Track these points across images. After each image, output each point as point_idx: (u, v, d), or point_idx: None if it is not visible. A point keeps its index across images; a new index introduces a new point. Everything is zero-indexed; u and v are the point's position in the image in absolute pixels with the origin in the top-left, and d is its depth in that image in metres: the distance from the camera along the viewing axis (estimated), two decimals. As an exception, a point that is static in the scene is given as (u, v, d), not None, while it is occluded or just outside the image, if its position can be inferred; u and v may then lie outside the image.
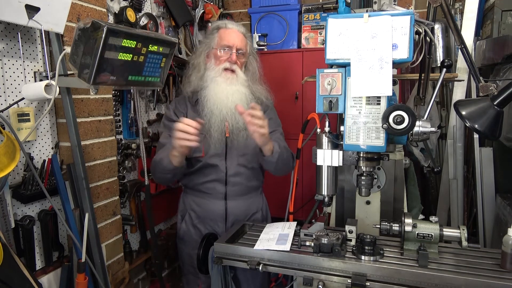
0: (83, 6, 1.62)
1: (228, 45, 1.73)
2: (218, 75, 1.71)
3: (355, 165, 1.32)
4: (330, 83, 1.20)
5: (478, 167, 2.20)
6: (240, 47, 1.75)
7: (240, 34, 1.77)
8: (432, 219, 1.30)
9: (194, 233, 1.81)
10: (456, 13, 2.44)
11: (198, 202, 1.81)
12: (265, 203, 1.94)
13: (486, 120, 1.14)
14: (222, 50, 1.73)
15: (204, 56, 1.80)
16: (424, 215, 1.95)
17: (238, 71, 1.73)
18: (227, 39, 1.74)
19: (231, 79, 1.70)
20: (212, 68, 1.74)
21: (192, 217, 1.82)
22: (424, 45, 1.29)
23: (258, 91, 1.80)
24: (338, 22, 1.17)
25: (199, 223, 1.81)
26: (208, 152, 1.73)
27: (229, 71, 1.71)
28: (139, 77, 1.33)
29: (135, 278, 2.20)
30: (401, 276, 1.17)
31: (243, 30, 1.81)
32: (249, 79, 1.78)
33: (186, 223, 1.84)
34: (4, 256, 1.14)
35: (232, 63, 1.72)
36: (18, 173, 1.43)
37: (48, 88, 1.33)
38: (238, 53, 1.74)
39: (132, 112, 2.08)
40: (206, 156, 1.74)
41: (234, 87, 1.70)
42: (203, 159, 1.74)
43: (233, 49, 1.73)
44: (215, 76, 1.71)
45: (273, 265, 1.32)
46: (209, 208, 1.78)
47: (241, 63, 1.76)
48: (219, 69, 1.71)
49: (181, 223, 1.87)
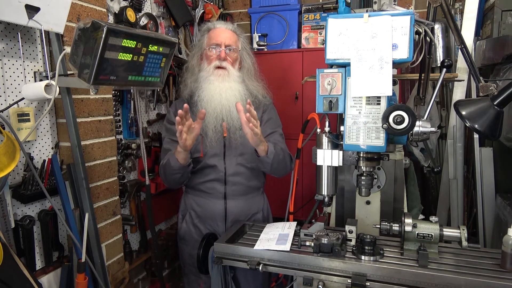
0: (83, 6, 1.61)
1: (217, 43, 1.74)
2: (210, 74, 1.72)
3: (355, 165, 1.32)
4: (330, 83, 1.20)
5: (478, 167, 2.19)
6: (229, 43, 1.75)
7: (229, 31, 1.78)
8: (432, 219, 1.30)
9: (195, 233, 1.81)
10: (456, 13, 2.44)
11: (198, 202, 1.82)
12: (267, 204, 1.94)
13: (486, 120, 1.14)
14: (212, 49, 1.74)
15: (198, 59, 1.82)
16: (424, 215, 1.95)
17: (229, 67, 1.73)
18: (215, 37, 1.75)
19: (223, 76, 1.71)
20: (204, 68, 1.75)
21: (193, 216, 1.83)
22: (424, 45, 1.29)
23: (255, 88, 1.80)
24: (338, 22, 1.17)
25: (199, 223, 1.81)
26: (206, 152, 1.74)
27: (221, 69, 1.72)
28: (139, 77, 1.33)
29: (135, 278, 2.20)
30: (401, 276, 1.17)
31: (231, 27, 1.81)
32: (243, 75, 1.78)
33: (187, 222, 1.84)
34: (4, 256, 1.14)
35: (221, 60, 1.72)
36: (18, 173, 1.43)
37: (48, 88, 1.33)
38: (228, 50, 1.74)
39: (132, 112, 2.08)
40: (205, 156, 1.74)
41: (226, 84, 1.70)
42: (202, 159, 1.75)
43: (221, 46, 1.73)
44: (207, 76, 1.72)
45: (273, 265, 1.33)
46: (209, 208, 1.79)
47: (232, 60, 1.75)
48: (210, 68, 1.72)
49: (181, 222, 1.87)
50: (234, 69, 1.75)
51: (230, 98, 1.68)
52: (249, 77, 1.81)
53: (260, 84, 1.84)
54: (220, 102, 1.67)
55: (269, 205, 1.96)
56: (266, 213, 1.91)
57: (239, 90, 1.72)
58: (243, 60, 1.82)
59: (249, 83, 1.79)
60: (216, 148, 1.74)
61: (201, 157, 1.74)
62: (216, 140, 1.72)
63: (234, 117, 1.68)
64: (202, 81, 1.73)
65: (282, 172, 1.74)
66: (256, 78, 1.85)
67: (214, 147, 1.73)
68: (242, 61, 1.82)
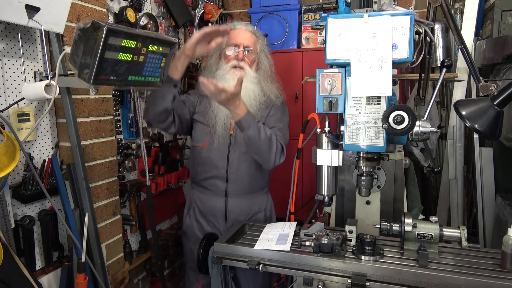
0: (83, 6, 1.61)
1: (236, 44, 1.76)
2: (227, 72, 1.74)
3: (355, 165, 1.32)
4: (330, 83, 1.20)
5: (478, 167, 2.19)
6: (248, 45, 1.77)
7: (248, 33, 1.80)
8: (432, 219, 1.30)
9: (197, 228, 1.84)
10: (456, 13, 2.44)
11: (201, 198, 1.85)
12: (270, 203, 1.93)
13: (486, 120, 1.14)
14: (231, 49, 1.77)
15: (216, 58, 1.84)
16: (424, 215, 1.95)
17: (246, 68, 1.75)
18: (235, 38, 1.77)
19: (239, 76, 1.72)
20: (221, 67, 1.77)
21: (196, 211, 1.86)
22: (424, 45, 1.29)
23: (269, 89, 1.81)
24: (338, 22, 1.17)
25: (202, 218, 1.84)
26: (211, 146, 1.76)
27: (238, 68, 1.74)
28: (139, 77, 1.33)
29: (135, 278, 2.20)
30: (401, 276, 1.17)
31: (251, 29, 1.83)
32: (260, 76, 1.80)
33: (190, 217, 1.88)
34: (4, 256, 1.14)
35: (239, 60, 1.74)
36: (18, 173, 1.43)
37: (48, 88, 1.33)
38: (246, 51, 1.76)
39: (132, 112, 2.08)
40: (208, 149, 1.77)
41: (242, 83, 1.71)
42: (204, 151, 1.77)
43: (240, 47, 1.76)
44: (224, 74, 1.74)
45: (273, 265, 1.32)
46: (210, 204, 1.81)
47: (250, 61, 1.77)
48: (228, 67, 1.74)
49: (186, 216, 1.91)
50: (251, 70, 1.77)
51: (244, 98, 1.68)
52: (265, 78, 1.83)
53: (275, 86, 1.85)
54: None
55: (273, 205, 1.95)
56: (269, 213, 1.91)
57: (253, 90, 1.73)
58: (261, 62, 1.84)
59: (264, 85, 1.80)
60: (222, 144, 1.76)
61: (204, 148, 1.76)
62: (224, 138, 1.74)
63: None
64: (218, 79, 1.74)
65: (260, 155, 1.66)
66: (272, 79, 1.86)
67: (220, 144, 1.75)
68: (260, 63, 1.84)
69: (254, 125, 1.58)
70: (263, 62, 1.85)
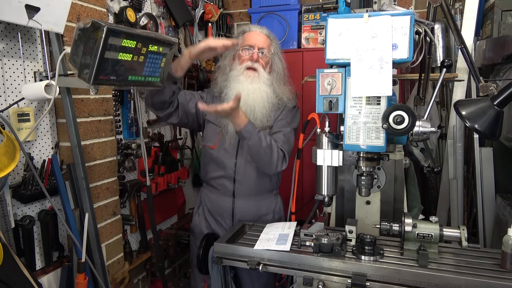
0: (83, 6, 1.62)
1: (250, 45, 1.77)
2: (240, 73, 1.74)
3: (355, 165, 1.32)
4: (330, 83, 1.20)
5: (478, 167, 2.19)
6: (262, 46, 1.78)
7: (263, 35, 1.81)
8: (432, 219, 1.30)
9: (205, 226, 1.86)
10: (456, 13, 2.44)
11: (210, 197, 1.86)
12: (279, 206, 1.91)
13: (486, 120, 1.14)
14: (245, 50, 1.77)
15: (230, 59, 1.85)
16: (424, 215, 1.95)
17: (260, 69, 1.75)
18: (249, 39, 1.78)
19: (252, 77, 1.73)
20: (235, 68, 1.78)
21: (205, 210, 1.88)
22: (424, 45, 1.29)
23: (282, 92, 1.81)
24: (338, 22, 1.17)
25: (209, 217, 1.86)
26: (220, 146, 1.77)
27: (251, 70, 1.74)
28: (139, 77, 1.33)
29: (135, 278, 2.20)
30: (401, 276, 1.17)
31: (266, 32, 1.84)
32: (273, 79, 1.80)
33: (199, 215, 1.90)
34: (4, 256, 1.14)
35: (253, 62, 1.74)
36: (18, 173, 1.43)
37: (48, 88, 1.33)
38: (260, 53, 1.77)
39: (132, 112, 2.08)
40: (218, 149, 1.78)
41: (255, 85, 1.72)
42: (214, 151, 1.78)
43: (254, 48, 1.76)
44: (237, 75, 1.74)
45: (273, 265, 1.33)
46: (218, 204, 1.83)
47: (264, 63, 1.78)
48: (242, 68, 1.75)
49: (195, 214, 1.92)
50: (265, 71, 1.77)
51: (257, 99, 1.70)
52: (278, 80, 1.83)
53: (288, 88, 1.85)
54: (246, 102, 1.68)
55: (282, 208, 1.92)
56: (278, 216, 1.89)
57: (266, 92, 1.73)
58: (274, 64, 1.84)
59: (276, 87, 1.80)
60: (231, 145, 1.76)
61: (215, 148, 1.77)
62: (235, 138, 1.74)
63: (257, 118, 1.70)
64: (231, 80, 1.75)
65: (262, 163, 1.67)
66: (285, 82, 1.87)
67: (230, 143, 1.75)
68: (273, 65, 1.84)
69: (254, 134, 1.59)
70: (276, 65, 1.85)
